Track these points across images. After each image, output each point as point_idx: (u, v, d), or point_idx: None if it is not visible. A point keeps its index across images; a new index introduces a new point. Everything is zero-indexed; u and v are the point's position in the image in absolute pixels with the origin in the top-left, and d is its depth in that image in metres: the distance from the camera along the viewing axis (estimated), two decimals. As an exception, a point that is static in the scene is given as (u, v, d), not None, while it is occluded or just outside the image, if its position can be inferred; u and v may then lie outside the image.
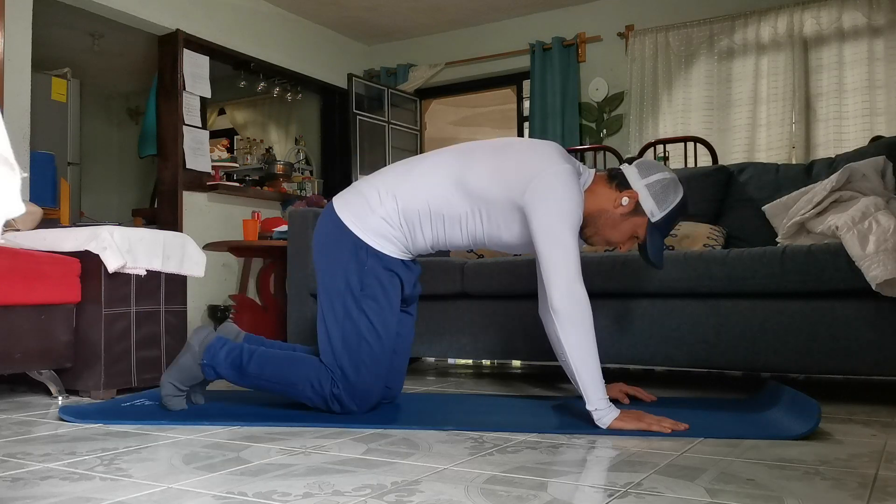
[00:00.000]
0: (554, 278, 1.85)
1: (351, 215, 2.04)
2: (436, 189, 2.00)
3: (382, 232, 2.02)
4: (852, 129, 4.87)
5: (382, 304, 2.02)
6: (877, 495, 1.24)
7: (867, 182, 2.55)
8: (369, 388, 2.01)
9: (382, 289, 2.02)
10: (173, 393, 2.11)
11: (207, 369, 2.09)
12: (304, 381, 2.03)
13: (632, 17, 5.59)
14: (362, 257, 2.02)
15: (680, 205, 1.98)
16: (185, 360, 2.10)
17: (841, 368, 2.20)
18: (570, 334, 1.83)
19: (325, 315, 2.04)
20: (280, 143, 6.88)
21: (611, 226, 2.00)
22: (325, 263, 2.07)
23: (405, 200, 2.01)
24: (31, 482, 1.36)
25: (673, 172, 2.02)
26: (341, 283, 2.02)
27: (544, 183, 1.90)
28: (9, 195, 0.93)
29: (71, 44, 6.13)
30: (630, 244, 2.04)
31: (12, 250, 2.38)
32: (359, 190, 2.09)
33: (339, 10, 5.89)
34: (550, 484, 1.32)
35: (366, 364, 2.00)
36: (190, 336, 2.14)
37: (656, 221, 1.96)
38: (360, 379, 1.99)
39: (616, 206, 1.97)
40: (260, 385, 2.09)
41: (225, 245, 4.57)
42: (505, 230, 2.00)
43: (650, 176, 1.97)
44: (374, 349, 2.01)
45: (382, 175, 2.10)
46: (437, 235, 2.05)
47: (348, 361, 1.99)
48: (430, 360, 3.78)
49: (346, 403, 2.00)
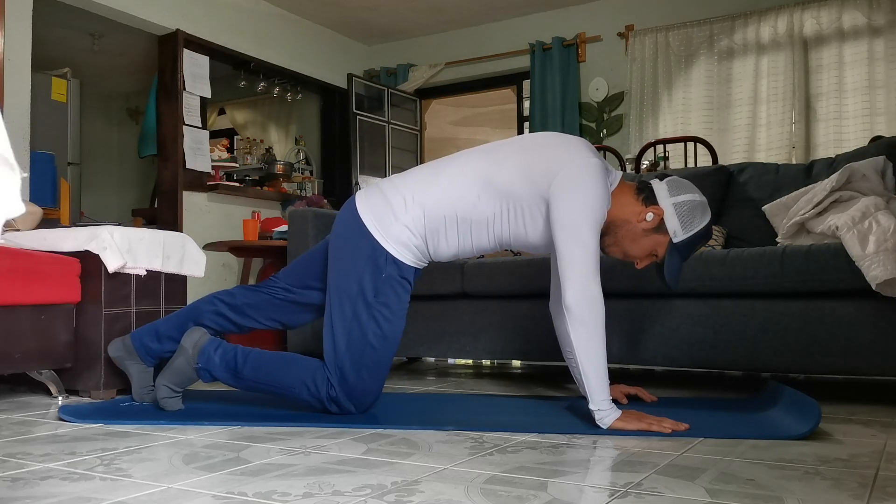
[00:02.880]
0: (570, 275, 1.82)
1: (373, 218, 1.99)
2: (463, 192, 1.95)
3: (403, 240, 1.97)
4: (852, 129, 4.87)
5: (395, 311, 1.99)
6: (877, 495, 1.24)
7: (867, 182, 2.55)
8: (368, 390, 2.00)
9: (396, 296, 1.99)
10: (168, 395, 2.11)
11: (203, 372, 2.09)
12: (299, 384, 2.01)
13: (632, 17, 5.59)
14: (381, 264, 1.97)
15: (705, 229, 1.93)
16: (180, 364, 2.09)
17: (841, 368, 2.20)
18: (581, 333, 1.81)
19: (332, 314, 2.01)
20: (280, 143, 6.88)
21: (631, 239, 1.96)
22: (339, 263, 2.03)
23: (431, 208, 1.96)
24: (31, 482, 1.36)
25: (703, 196, 1.96)
26: (354, 286, 1.98)
27: (571, 174, 1.86)
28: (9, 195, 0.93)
29: (71, 44, 6.13)
30: (648, 261, 2.00)
31: (12, 250, 2.38)
32: (383, 193, 2.03)
33: (339, 10, 5.89)
34: (550, 484, 1.32)
35: (367, 368, 1.98)
36: (183, 339, 2.12)
37: (678, 242, 1.92)
38: (360, 381, 1.98)
39: (640, 219, 1.93)
40: (255, 387, 2.08)
41: (225, 245, 4.57)
42: (531, 229, 1.94)
43: (679, 195, 1.92)
44: (378, 354, 1.98)
45: (408, 179, 2.04)
46: (463, 242, 2.00)
47: (350, 364, 1.97)
48: (430, 360, 3.78)
49: (344, 404, 1.99)
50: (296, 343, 3.10)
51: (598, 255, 1.86)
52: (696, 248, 1.98)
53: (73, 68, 5.39)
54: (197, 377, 2.10)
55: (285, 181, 5.99)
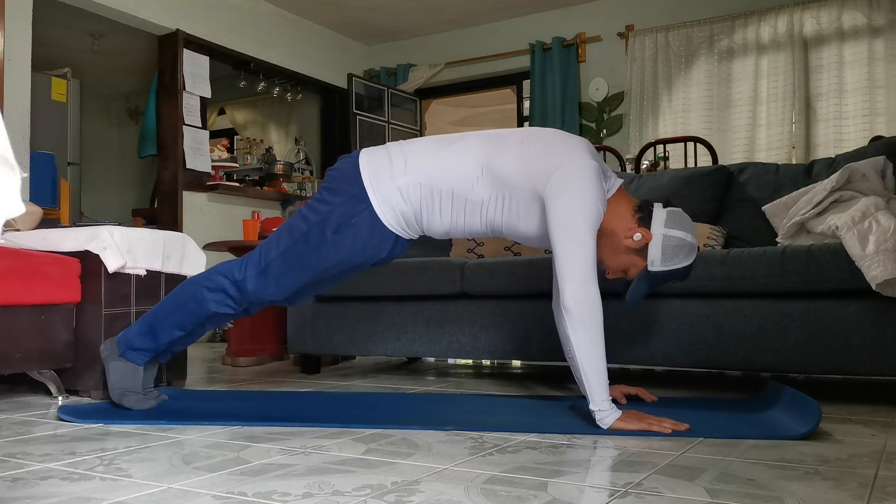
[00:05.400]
0: (568, 276, 1.83)
1: (370, 172, 2.00)
2: (463, 172, 1.96)
3: (391, 202, 1.98)
4: (852, 129, 4.87)
5: (341, 256, 2.02)
6: (877, 495, 1.24)
7: (867, 182, 2.55)
8: (272, 294, 2.07)
9: (351, 245, 2.00)
10: (134, 400, 2.14)
11: (130, 354, 2.14)
12: (199, 289, 2.08)
13: (632, 17, 5.60)
14: (358, 210, 1.99)
15: (681, 270, 1.94)
16: (114, 368, 2.15)
17: (841, 368, 2.20)
18: (580, 333, 1.82)
19: (290, 222, 2.07)
20: (280, 143, 6.88)
21: (611, 250, 1.97)
22: (320, 192, 2.07)
23: (430, 178, 1.97)
24: (31, 482, 1.36)
25: (696, 240, 1.96)
26: (322, 214, 2.01)
27: (568, 175, 1.87)
28: (9, 195, 0.93)
29: (71, 44, 6.13)
30: (617, 275, 2.02)
31: (12, 250, 2.38)
32: (388, 152, 2.05)
33: (339, 10, 5.89)
34: (550, 484, 1.32)
35: (283, 282, 2.04)
36: (101, 355, 2.20)
37: (652, 272, 1.93)
38: (274, 285, 2.04)
39: (627, 236, 1.93)
40: (168, 321, 2.11)
41: (225, 245, 4.55)
42: (524, 220, 1.96)
43: (673, 230, 1.92)
44: (300, 279, 2.04)
45: (415, 146, 2.06)
46: (456, 220, 2.01)
47: (277, 267, 2.03)
48: (430, 360, 3.78)
49: (248, 292, 2.05)
50: (296, 344, 3.10)
51: (596, 256, 1.87)
52: (665, 283, 1.99)
53: (73, 68, 5.39)
54: (136, 364, 2.15)
55: (285, 181, 5.99)
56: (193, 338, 2.24)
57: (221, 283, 2.07)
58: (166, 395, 2.30)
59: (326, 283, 2.15)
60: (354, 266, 2.07)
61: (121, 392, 2.14)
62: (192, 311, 2.10)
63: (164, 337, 2.13)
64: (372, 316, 2.94)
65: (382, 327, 2.92)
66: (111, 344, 2.18)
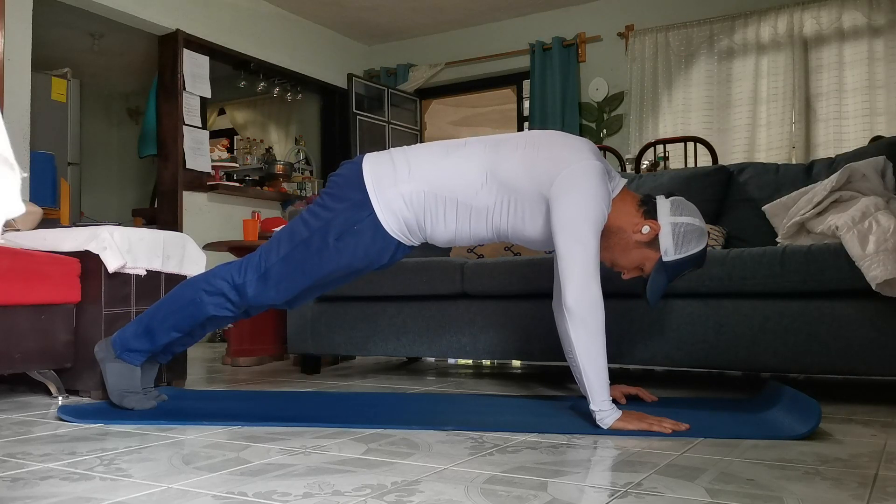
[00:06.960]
0: (570, 276, 1.83)
1: (374, 178, 2.00)
2: (467, 180, 1.96)
3: (394, 208, 1.98)
4: (852, 129, 4.87)
5: (342, 262, 2.01)
6: (877, 495, 1.24)
7: (867, 182, 2.55)
8: (271, 298, 2.07)
9: (353, 251, 2.00)
10: (134, 401, 2.13)
11: (127, 355, 2.13)
12: (197, 292, 2.08)
13: (632, 17, 5.60)
14: (360, 216, 1.98)
15: (696, 255, 1.93)
16: (112, 370, 2.14)
17: (841, 368, 2.20)
18: (581, 334, 1.82)
19: (291, 226, 2.07)
20: (280, 143, 6.89)
21: (622, 248, 1.96)
22: (323, 197, 2.06)
23: (434, 186, 1.96)
24: (31, 482, 1.36)
25: (704, 223, 1.96)
26: (324, 220, 2.00)
27: (572, 176, 1.86)
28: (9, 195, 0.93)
29: (71, 44, 6.13)
30: (634, 274, 2.01)
31: (12, 250, 2.38)
32: (392, 158, 2.04)
33: (339, 10, 5.89)
34: (550, 484, 1.32)
35: (283, 286, 2.04)
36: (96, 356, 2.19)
37: (667, 262, 1.92)
38: (274, 290, 2.04)
39: (635, 230, 1.93)
40: (166, 323, 2.10)
41: (225, 245, 4.56)
42: (530, 224, 1.95)
43: (680, 216, 1.92)
44: (301, 283, 2.04)
45: (417, 152, 2.05)
46: (461, 227, 2.00)
47: (277, 272, 2.03)
48: (430, 360, 3.78)
49: (247, 296, 2.05)
50: (296, 344, 3.10)
51: (598, 256, 1.87)
52: (684, 272, 1.98)
53: (73, 68, 5.39)
54: (133, 365, 2.14)
55: (285, 181, 5.99)
56: (193, 339, 2.24)
57: (220, 286, 2.07)
58: (166, 395, 2.30)
59: (326, 287, 2.14)
60: (355, 271, 2.07)
61: (120, 393, 2.13)
62: (190, 313, 2.10)
63: (161, 339, 2.12)
64: (372, 316, 2.94)
65: (382, 327, 2.92)
66: (106, 345, 2.18)
